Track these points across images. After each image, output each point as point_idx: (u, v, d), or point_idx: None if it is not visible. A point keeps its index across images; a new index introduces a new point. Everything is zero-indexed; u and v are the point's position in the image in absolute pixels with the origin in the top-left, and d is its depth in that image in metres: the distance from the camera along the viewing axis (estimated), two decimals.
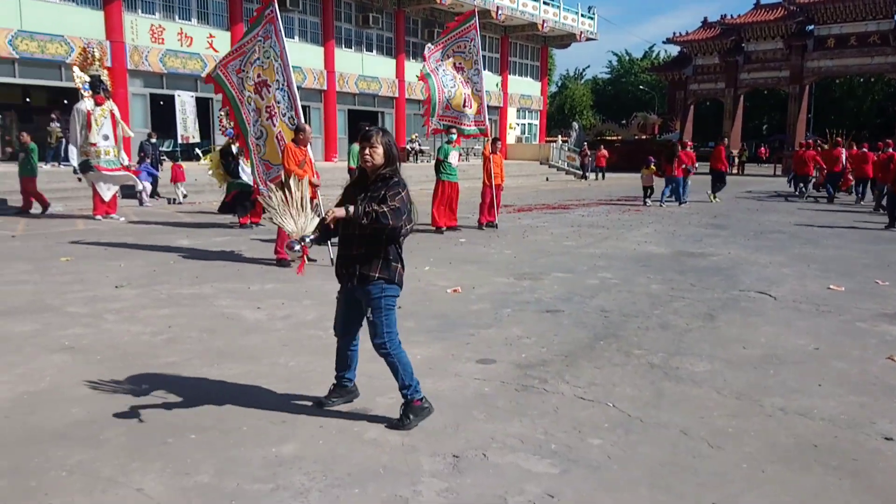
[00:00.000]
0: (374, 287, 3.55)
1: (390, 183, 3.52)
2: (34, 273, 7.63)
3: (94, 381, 4.24)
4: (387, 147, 3.55)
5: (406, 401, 3.68)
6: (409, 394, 3.66)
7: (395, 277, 3.61)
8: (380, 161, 3.53)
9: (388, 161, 3.56)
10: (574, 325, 5.80)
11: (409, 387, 3.66)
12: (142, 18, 21.42)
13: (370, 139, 3.53)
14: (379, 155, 3.52)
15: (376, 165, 3.54)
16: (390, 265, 3.58)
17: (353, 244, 3.55)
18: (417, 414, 3.67)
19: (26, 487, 2.97)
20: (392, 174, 3.56)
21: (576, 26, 36.93)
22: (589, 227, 12.93)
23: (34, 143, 13.58)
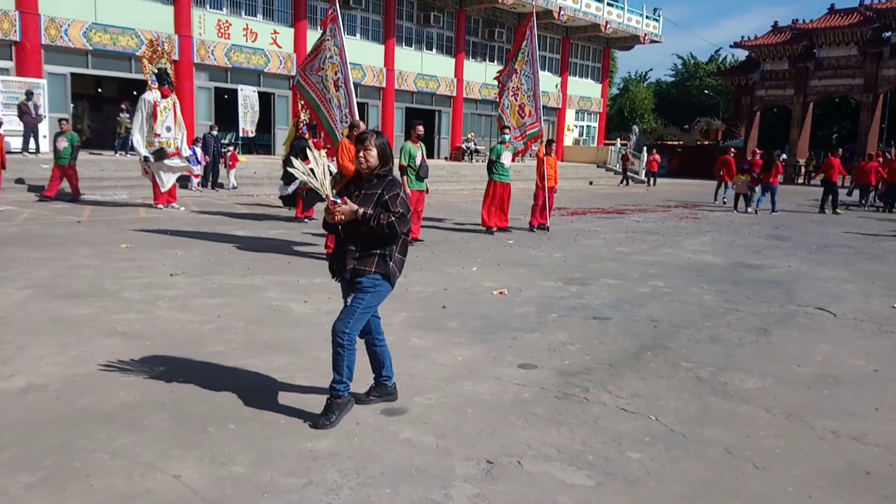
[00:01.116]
0: (366, 279, 3.60)
1: (386, 182, 3.62)
2: (95, 258, 7.92)
3: (143, 367, 4.37)
4: (381, 149, 3.64)
5: (332, 397, 3.65)
6: (342, 390, 3.65)
7: (390, 275, 3.65)
8: (374, 163, 3.63)
9: (382, 162, 3.65)
10: (621, 333, 5.68)
11: (343, 383, 3.65)
12: (209, 14, 22.01)
13: (364, 142, 3.61)
14: (373, 157, 3.61)
15: (371, 167, 3.63)
16: (386, 262, 3.63)
17: (354, 240, 3.59)
18: (342, 410, 3.67)
19: (70, 467, 3.07)
20: (387, 173, 3.66)
21: (640, 28, 36.31)
22: (643, 233, 12.68)
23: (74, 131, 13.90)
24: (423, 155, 9.86)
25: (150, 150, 12.75)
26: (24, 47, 18.05)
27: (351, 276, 3.61)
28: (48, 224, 10.53)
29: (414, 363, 4.70)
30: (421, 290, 7.01)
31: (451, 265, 8.45)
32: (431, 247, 9.86)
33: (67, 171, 13.56)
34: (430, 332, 5.48)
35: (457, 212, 14.83)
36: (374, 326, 3.86)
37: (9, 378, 4.09)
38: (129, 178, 15.91)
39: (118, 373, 4.25)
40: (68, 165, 13.47)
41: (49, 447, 3.24)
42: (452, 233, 11.64)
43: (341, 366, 3.62)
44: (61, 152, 13.28)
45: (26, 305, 5.73)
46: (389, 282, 3.69)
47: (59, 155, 13.31)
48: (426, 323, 5.72)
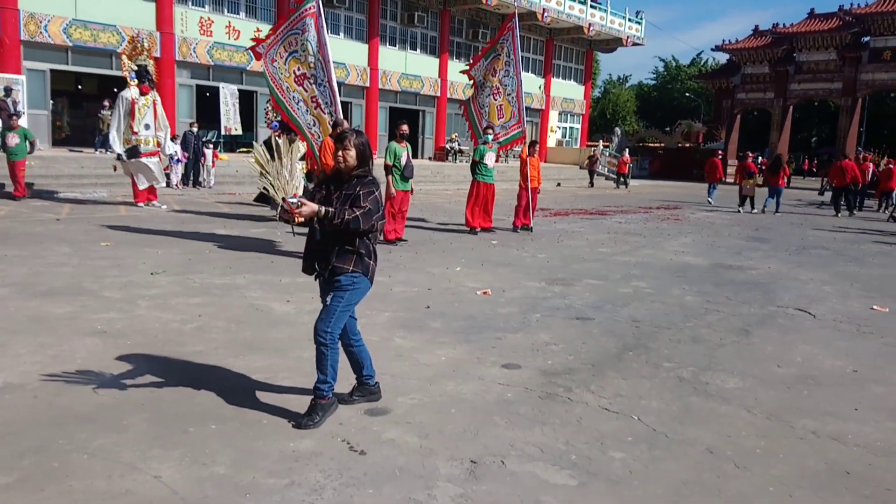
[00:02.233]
0: (345, 277, 3.59)
1: (364, 181, 3.60)
2: (74, 256, 7.81)
3: (123, 367, 4.31)
4: (360, 148, 3.62)
5: (316, 397, 3.65)
6: (326, 390, 3.64)
7: (367, 272, 3.67)
8: (353, 163, 3.61)
9: (360, 162, 3.63)
10: (603, 333, 5.71)
11: (328, 383, 3.64)
12: (192, 11, 21.82)
13: (343, 141, 3.60)
14: (352, 157, 3.59)
15: (350, 167, 3.61)
16: (364, 260, 3.64)
17: (327, 239, 3.56)
18: (326, 410, 3.67)
19: (49, 468, 3.02)
20: (365, 173, 3.64)
21: (622, 31, 36.54)
22: (625, 234, 12.76)
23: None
24: (408, 155, 9.84)
25: (124, 148, 12.58)
26: (2, 43, 17.78)
27: (329, 275, 3.60)
28: (26, 222, 10.38)
29: (397, 363, 4.69)
30: (405, 290, 6.99)
31: (434, 265, 8.44)
32: (415, 247, 9.85)
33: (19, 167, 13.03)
34: (414, 332, 5.46)
35: (441, 212, 14.83)
36: (349, 327, 3.83)
37: None
38: (108, 175, 15.71)
39: (97, 372, 4.19)
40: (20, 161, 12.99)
41: (27, 448, 3.19)
42: (436, 233, 11.63)
43: (325, 365, 3.60)
44: (14, 149, 12.79)
45: (3, 304, 5.64)
46: (369, 278, 3.69)
47: (11, 152, 12.80)
48: (410, 323, 5.71)
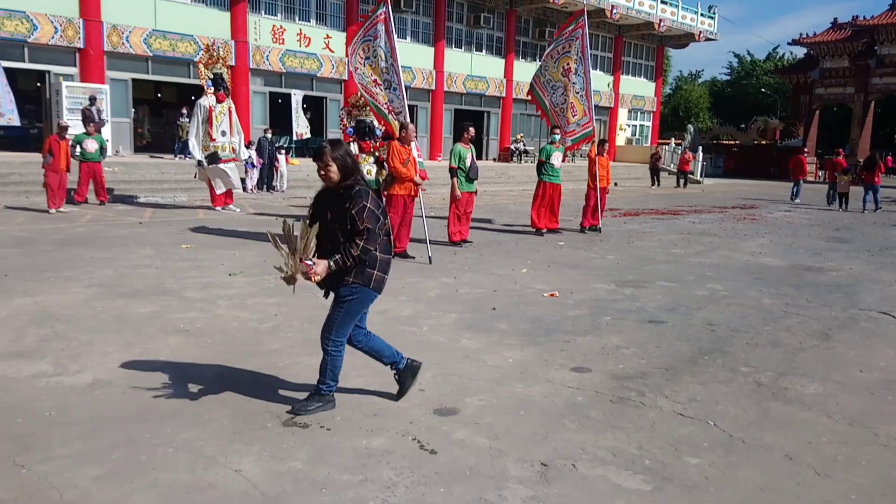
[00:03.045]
0: (345, 289, 3.65)
1: (351, 194, 3.56)
2: (157, 258, 8.17)
3: (204, 364, 4.49)
4: (340, 161, 3.58)
5: (318, 390, 3.79)
6: (325, 390, 3.78)
7: (370, 282, 3.68)
8: (336, 177, 3.59)
9: (344, 174, 3.59)
10: (677, 337, 5.58)
11: (327, 384, 3.78)
12: (265, 19, 22.48)
13: (322, 157, 3.55)
14: (334, 171, 3.57)
15: (335, 181, 3.59)
16: (364, 271, 3.65)
17: (325, 252, 3.57)
18: (324, 403, 3.78)
19: (137, 461, 3.18)
20: (352, 184, 3.59)
21: (695, 26, 35.59)
22: (699, 234, 12.43)
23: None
24: (472, 156, 9.87)
25: (204, 155, 13.04)
26: (87, 54, 18.76)
27: (330, 285, 3.66)
28: (111, 225, 10.91)
29: (465, 364, 4.71)
30: (470, 291, 7.02)
31: (500, 267, 8.43)
32: (480, 248, 9.86)
33: (98, 170, 13.35)
34: (480, 333, 5.48)
35: (506, 213, 14.80)
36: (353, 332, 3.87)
37: (76, 374, 4.26)
38: (188, 180, 16.37)
39: (180, 369, 4.37)
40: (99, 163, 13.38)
41: (116, 441, 3.36)
42: (501, 234, 11.62)
43: (324, 369, 3.76)
44: (93, 154, 13.21)
45: (91, 304, 5.95)
46: (372, 287, 3.71)
47: (90, 157, 13.15)
48: (476, 324, 5.73)
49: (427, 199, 11.88)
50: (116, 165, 16.66)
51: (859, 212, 18.39)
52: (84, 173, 13.14)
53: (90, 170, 13.22)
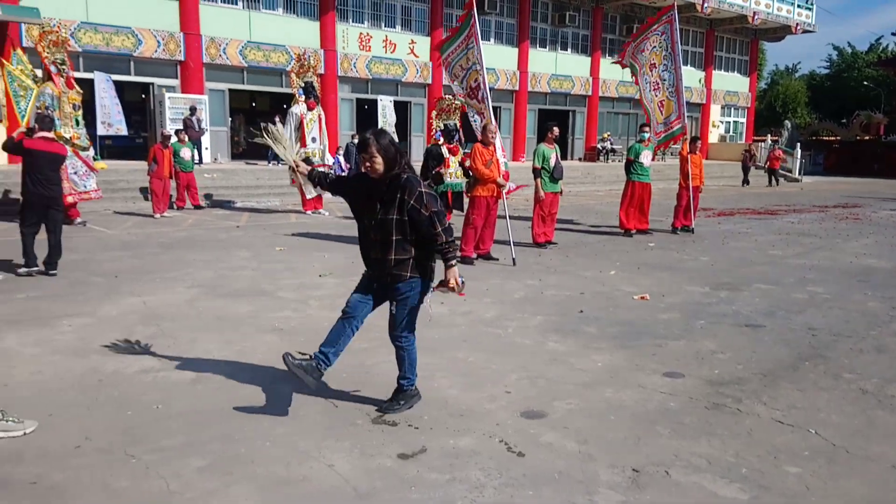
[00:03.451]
0: (403, 285, 3.63)
1: (402, 184, 3.49)
2: (253, 260, 8.51)
3: None
4: (385, 152, 3.47)
5: (400, 387, 3.86)
6: (406, 385, 3.85)
7: (427, 273, 3.66)
8: (382, 168, 3.48)
9: (389, 165, 3.48)
10: (776, 342, 5.34)
11: (408, 378, 3.85)
12: (352, 27, 23.02)
13: (367, 149, 3.45)
14: (379, 162, 3.46)
15: (380, 173, 3.50)
16: (421, 263, 3.63)
17: (383, 247, 3.56)
18: (408, 400, 3.85)
19: (236, 453, 3.32)
20: (399, 173, 3.51)
21: (791, 17, 33.90)
22: (799, 235, 11.84)
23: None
24: (557, 156, 9.76)
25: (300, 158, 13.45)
26: (187, 66, 19.75)
27: (390, 281, 3.66)
28: (211, 229, 11.44)
29: (552, 367, 4.67)
30: (556, 293, 6.94)
31: (587, 268, 8.30)
32: (566, 250, 9.74)
33: (192, 178, 14.04)
34: (568, 336, 5.41)
35: (592, 213, 14.55)
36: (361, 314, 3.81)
37: (180, 370, 4.49)
38: (281, 186, 16.97)
39: (276, 366, 4.54)
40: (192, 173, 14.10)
41: (217, 434, 3.52)
42: (588, 235, 11.44)
43: (403, 364, 3.83)
44: (189, 161, 13.90)
45: (194, 304, 6.26)
46: (428, 278, 3.71)
47: (186, 165, 13.84)
48: (563, 327, 5.66)
49: (510, 200, 11.84)
50: (215, 172, 17.46)
51: None
52: (182, 180, 13.87)
53: (187, 177, 13.96)
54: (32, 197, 7.28)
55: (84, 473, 3.11)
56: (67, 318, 5.65)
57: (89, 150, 11.75)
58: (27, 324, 5.47)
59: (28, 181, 7.26)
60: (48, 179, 7.29)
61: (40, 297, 6.37)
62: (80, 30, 17.72)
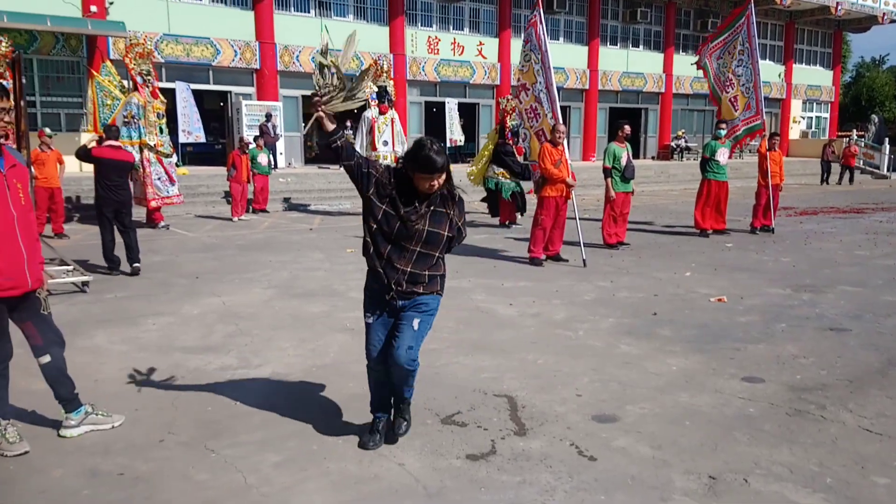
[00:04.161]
0: (432, 298, 3.35)
1: (456, 201, 3.33)
2: (325, 262, 8.70)
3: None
4: (449, 168, 3.24)
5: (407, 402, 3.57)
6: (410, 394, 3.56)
7: (443, 288, 3.44)
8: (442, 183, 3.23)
9: (449, 180, 3.28)
10: (863, 346, 5.08)
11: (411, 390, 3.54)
12: (420, 31, 23.22)
13: (441, 169, 3.14)
14: (443, 179, 3.22)
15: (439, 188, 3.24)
16: (444, 279, 3.42)
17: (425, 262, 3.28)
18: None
19: (310, 450, 3.40)
20: (453, 188, 3.32)
21: (877, 7, 32.13)
22: (888, 234, 11.22)
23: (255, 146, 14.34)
24: (628, 155, 9.57)
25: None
26: (263, 74, 20.37)
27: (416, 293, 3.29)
28: (286, 231, 11.76)
29: (624, 371, 4.58)
30: (629, 295, 6.81)
31: (660, 270, 8.10)
32: (638, 251, 9.53)
33: (266, 183, 14.46)
34: (641, 339, 5.30)
35: (666, 213, 14.20)
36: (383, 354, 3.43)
37: (257, 367, 4.64)
38: (351, 188, 17.20)
39: (347, 365, 4.63)
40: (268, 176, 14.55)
41: (291, 431, 3.62)
42: (661, 235, 11.16)
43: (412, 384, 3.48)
44: (266, 166, 14.34)
45: (270, 304, 6.45)
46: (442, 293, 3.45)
47: (263, 169, 14.24)
48: (636, 330, 5.55)
49: (581, 200, 11.68)
50: (289, 176, 17.94)
51: None
52: (258, 184, 14.31)
53: (263, 180, 14.39)
54: (103, 201, 7.78)
55: (167, 465, 3.25)
56: (152, 318, 5.91)
57: (172, 156, 12.27)
58: (115, 322, 5.76)
59: (99, 187, 7.80)
60: (116, 185, 7.78)
61: (127, 298, 6.70)
62: (162, 41, 18.53)
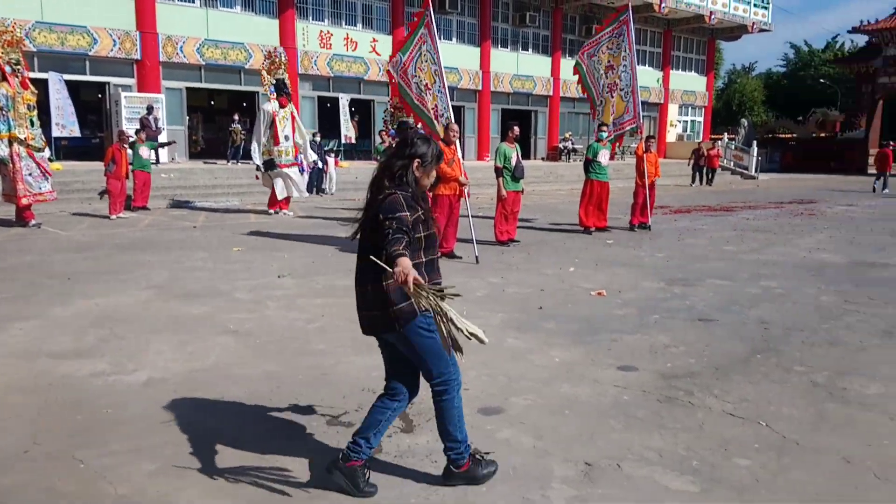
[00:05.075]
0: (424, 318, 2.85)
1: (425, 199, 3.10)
2: (209, 261, 8.38)
3: (252, 363, 4.58)
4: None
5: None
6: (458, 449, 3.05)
7: None
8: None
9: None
10: (729, 336, 5.44)
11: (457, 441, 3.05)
12: (312, 25, 22.84)
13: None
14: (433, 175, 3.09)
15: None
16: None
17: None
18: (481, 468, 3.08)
19: (187, 457, 3.26)
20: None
21: (747, 17, 34.65)
22: (754, 231, 12.10)
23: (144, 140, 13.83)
24: (518, 156, 9.83)
25: (263, 160, 13.24)
26: (144, 65, 19.38)
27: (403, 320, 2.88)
28: (167, 230, 11.24)
29: (511, 364, 4.69)
30: (517, 290, 6.99)
31: (547, 266, 8.37)
32: (528, 247, 9.81)
33: (148, 179, 13.82)
34: (528, 333, 5.45)
35: (554, 212, 14.68)
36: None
37: (132, 373, 4.40)
38: (240, 185, 16.76)
39: (230, 368, 4.48)
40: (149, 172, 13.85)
41: (169, 438, 3.46)
42: (549, 233, 11.53)
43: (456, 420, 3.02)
44: (147, 160, 13.67)
45: (148, 305, 6.14)
46: None
47: (145, 164, 13.59)
48: (523, 324, 5.70)
49: (474, 199, 11.86)
50: (172, 172, 17.16)
51: None
52: (139, 180, 13.60)
53: (144, 176, 13.70)
54: None
55: (31, 478, 3.03)
56: (19, 322, 5.50)
57: (45, 151, 11.46)
58: None
59: None
60: None
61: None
62: (34, 29, 17.30)
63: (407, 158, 2.94)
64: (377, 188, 2.95)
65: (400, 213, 2.72)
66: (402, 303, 2.81)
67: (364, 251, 2.97)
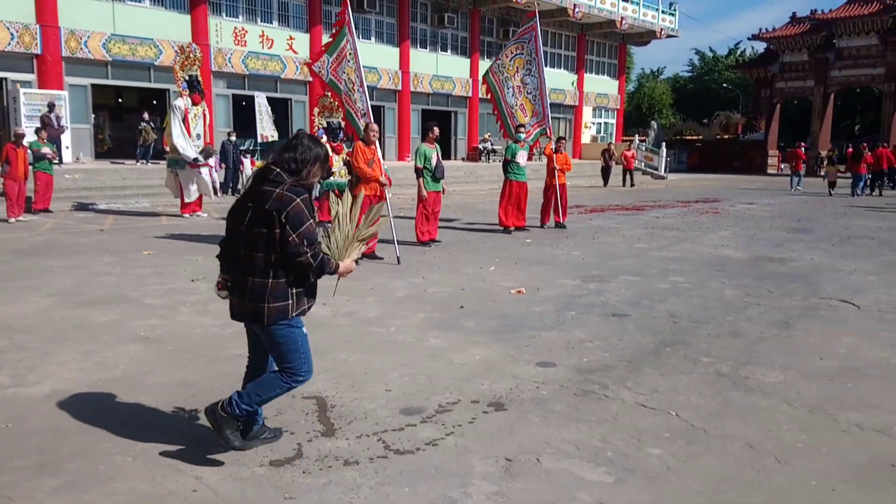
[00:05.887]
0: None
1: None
2: (117, 266, 8.02)
3: (164, 371, 4.42)
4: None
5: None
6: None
7: None
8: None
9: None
10: (640, 330, 5.65)
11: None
12: (226, 21, 22.21)
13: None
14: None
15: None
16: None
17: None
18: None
19: (95, 471, 3.11)
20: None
21: (656, 23, 36.05)
22: (663, 229, 12.60)
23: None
24: (438, 156, 9.88)
25: (198, 152, 12.67)
26: (45, 60, 18.35)
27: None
28: (71, 233, 10.69)
29: (432, 363, 4.71)
30: (439, 290, 7.02)
31: (468, 265, 8.45)
32: (449, 247, 9.87)
33: (50, 180, 13.09)
34: (448, 331, 5.48)
35: (474, 212, 14.84)
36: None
37: (34, 385, 4.17)
38: (150, 186, 16.12)
39: (140, 377, 4.30)
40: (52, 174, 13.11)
41: (73, 451, 3.29)
42: (469, 233, 11.65)
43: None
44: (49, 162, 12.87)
45: (50, 313, 5.82)
46: None
47: (45, 166, 12.81)
48: (444, 323, 5.73)
49: (395, 199, 11.84)
50: (77, 172, 16.33)
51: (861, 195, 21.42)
52: (41, 181, 12.86)
53: (47, 177, 12.95)
54: None
55: None
56: None
57: None
58: None
59: None
60: None
61: None
62: None
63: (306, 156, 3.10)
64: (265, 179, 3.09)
65: (308, 229, 2.96)
66: (276, 303, 3.04)
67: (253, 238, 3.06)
